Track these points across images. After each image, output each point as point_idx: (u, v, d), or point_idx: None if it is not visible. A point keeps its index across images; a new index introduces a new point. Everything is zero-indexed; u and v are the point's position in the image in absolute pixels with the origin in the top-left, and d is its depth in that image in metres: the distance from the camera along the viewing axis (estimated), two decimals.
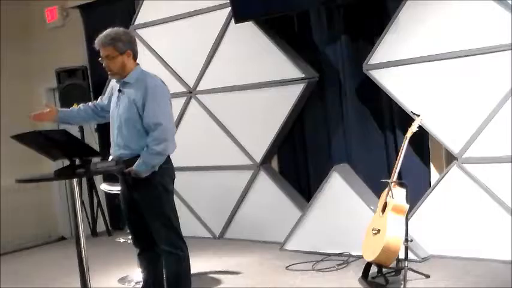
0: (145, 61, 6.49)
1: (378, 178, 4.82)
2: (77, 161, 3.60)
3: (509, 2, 4.47)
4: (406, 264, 4.28)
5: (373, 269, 4.51)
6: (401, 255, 4.32)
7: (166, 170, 3.93)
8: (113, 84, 4.09)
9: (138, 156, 3.81)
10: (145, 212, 3.92)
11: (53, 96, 8.18)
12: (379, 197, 4.70)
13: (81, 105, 4.20)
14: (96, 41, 3.91)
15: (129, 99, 3.85)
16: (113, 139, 3.97)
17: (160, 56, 6.60)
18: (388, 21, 5.08)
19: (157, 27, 6.59)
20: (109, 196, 7.24)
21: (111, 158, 4.02)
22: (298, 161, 6.03)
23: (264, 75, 5.83)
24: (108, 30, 3.92)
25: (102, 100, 4.18)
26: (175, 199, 6.52)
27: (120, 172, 3.89)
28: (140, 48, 6.54)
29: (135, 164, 3.78)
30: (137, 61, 3.99)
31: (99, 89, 6.72)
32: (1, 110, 7.91)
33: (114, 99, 3.99)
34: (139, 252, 4.13)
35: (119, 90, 3.95)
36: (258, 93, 5.91)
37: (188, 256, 3.98)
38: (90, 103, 4.23)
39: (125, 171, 3.80)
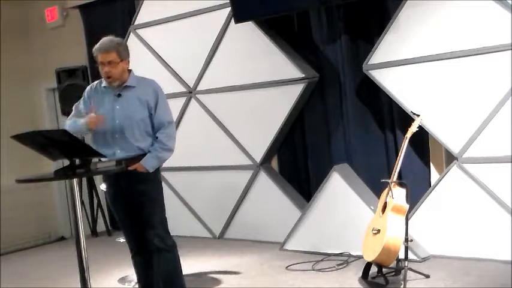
0: (146, 61, 6.54)
1: (378, 178, 4.82)
2: (77, 161, 3.60)
3: (509, 2, 4.46)
4: (406, 264, 4.28)
5: (373, 269, 4.51)
6: (402, 255, 4.32)
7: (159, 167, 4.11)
8: (91, 91, 4.08)
9: (142, 155, 3.93)
10: (147, 207, 3.97)
11: (53, 96, 8.19)
12: (379, 197, 4.70)
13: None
14: (98, 47, 3.94)
15: (141, 101, 3.96)
16: (108, 142, 3.99)
17: (160, 56, 6.60)
18: (388, 21, 5.08)
19: (157, 27, 6.59)
20: None
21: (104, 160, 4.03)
22: (298, 161, 6.03)
23: (264, 75, 5.83)
24: (110, 37, 3.99)
25: (80, 109, 4.10)
26: (175, 199, 6.61)
27: (119, 172, 3.92)
28: (140, 48, 6.64)
29: (144, 160, 3.89)
30: (137, 61, 4.06)
31: None
32: (1, 110, 7.91)
33: (106, 103, 4.00)
34: (134, 254, 4.17)
35: (118, 95, 3.99)
36: (258, 93, 5.91)
37: (178, 254, 4.10)
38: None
39: (129, 169, 3.85)
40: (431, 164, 5.26)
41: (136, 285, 4.89)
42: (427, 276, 4.42)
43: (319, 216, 5.43)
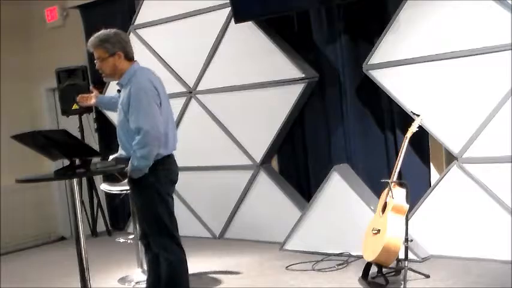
0: (146, 61, 6.50)
1: (378, 178, 4.82)
2: (77, 161, 3.61)
3: (509, 2, 4.47)
4: (406, 264, 4.28)
5: (373, 269, 4.51)
6: (402, 255, 4.32)
7: (163, 172, 3.88)
8: None
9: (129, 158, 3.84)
10: (137, 212, 3.96)
11: (53, 96, 8.20)
12: (379, 197, 4.70)
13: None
14: (87, 44, 3.95)
15: (123, 101, 3.84)
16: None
17: (160, 56, 6.60)
18: (388, 21, 5.08)
19: (157, 27, 6.59)
20: (109, 196, 7.24)
21: (111, 157, 4.03)
22: (298, 161, 6.03)
23: (264, 75, 5.83)
24: (99, 32, 3.94)
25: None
26: (175, 199, 6.58)
27: (119, 172, 3.92)
28: (140, 48, 6.63)
29: (129, 164, 3.80)
30: (137, 61, 3.99)
31: (99, 89, 6.69)
32: (1, 110, 7.91)
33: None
34: (145, 250, 4.15)
35: (118, 91, 3.97)
36: (258, 93, 5.91)
37: (182, 260, 3.92)
38: None
39: (124, 171, 3.83)
40: (431, 164, 5.26)
41: (137, 285, 4.92)
42: (427, 276, 4.42)
43: (319, 216, 5.43)
